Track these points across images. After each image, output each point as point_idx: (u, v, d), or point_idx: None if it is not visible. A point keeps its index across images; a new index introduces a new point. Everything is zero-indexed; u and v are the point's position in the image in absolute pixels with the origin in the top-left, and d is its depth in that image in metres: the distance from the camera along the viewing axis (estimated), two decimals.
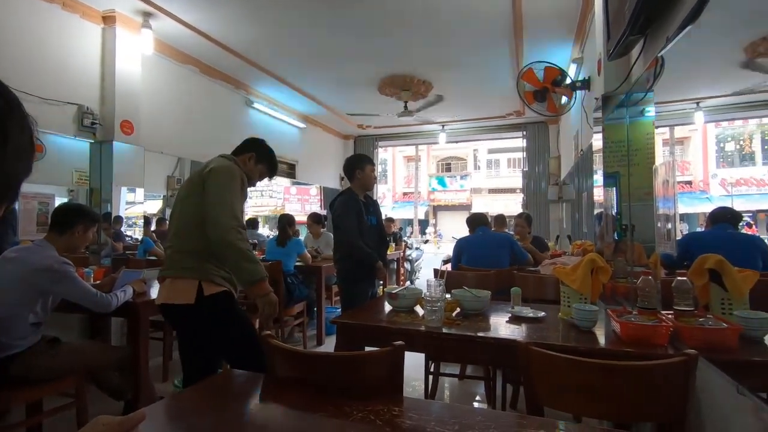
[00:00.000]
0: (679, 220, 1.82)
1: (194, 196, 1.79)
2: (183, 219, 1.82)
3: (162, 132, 4.15)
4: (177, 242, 1.82)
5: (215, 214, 1.70)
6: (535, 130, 7.20)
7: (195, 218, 1.75)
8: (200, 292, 1.71)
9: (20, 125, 0.44)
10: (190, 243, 1.77)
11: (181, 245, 1.80)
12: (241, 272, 1.74)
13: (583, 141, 3.87)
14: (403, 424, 0.94)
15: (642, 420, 1.37)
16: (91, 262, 3.37)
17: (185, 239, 1.79)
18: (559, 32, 3.95)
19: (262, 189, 10.38)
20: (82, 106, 3.33)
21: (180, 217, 1.84)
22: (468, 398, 2.99)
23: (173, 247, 1.82)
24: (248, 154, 2.03)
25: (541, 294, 2.66)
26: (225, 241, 1.68)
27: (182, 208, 1.84)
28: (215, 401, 1.11)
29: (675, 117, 2.47)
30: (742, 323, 1.35)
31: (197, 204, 1.76)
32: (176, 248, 1.81)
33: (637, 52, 1.91)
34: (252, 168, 2.03)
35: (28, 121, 0.46)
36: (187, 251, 1.77)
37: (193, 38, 4.01)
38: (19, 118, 0.44)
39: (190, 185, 1.86)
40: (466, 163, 25.73)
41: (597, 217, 2.85)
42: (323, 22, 3.76)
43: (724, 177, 3.07)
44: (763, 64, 1.50)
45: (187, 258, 1.76)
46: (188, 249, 1.77)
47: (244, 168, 1.97)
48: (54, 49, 3.19)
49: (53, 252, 2.03)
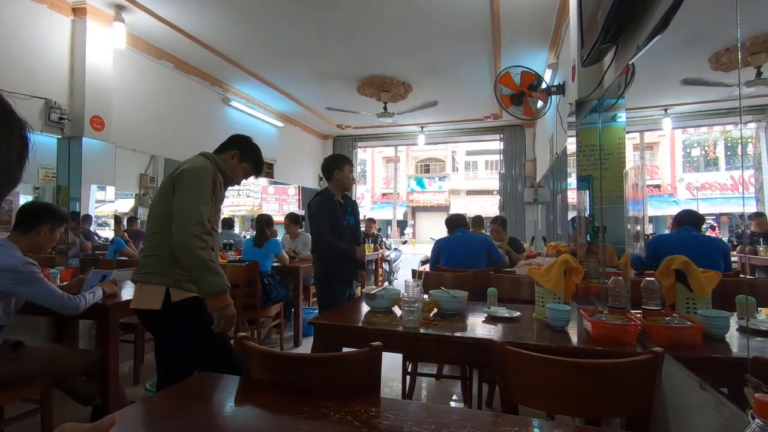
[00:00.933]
0: (648, 222, 1.89)
1: (166, 197, 1.73)
2: (154, 222, 1.77)
3: (134, 128, 4.04)
4: (147, 245, 1.78)
5: (179, 220, 1.65)
6: (512, 133, 7.34)
7: (165, 221, 1.70)
8: (167, 297, 1.68)
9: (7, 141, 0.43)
10: (159, 247, 1.73)
11: (151, 249, 1.76)
12: (201, 282, 1.66)
13: (557, 145, 3.97)
14: (380, 425, 0.94)
15: (612, 416, 1.41)
16: (58, 263, 3.24)
17: (155, 243, 1.75)
18: (536, 38, 4.04)
19: (239, 188, 10.21)
20: (50, 101, 3.20)
21: (152, 220, 1.79)
22: (445, 398, 3.01)
23: (144, 250, 1.79)
24: (231, 151, 1.97)
25: (517, 294, 2.71)
26: (185, 249, 1.63)
27: (153, 211, 1.80)
28: (189, 405, 1.09)
29: (645, 123, 2.56)
30: (705, 322, 1.41)
31: (168, 205, 1.71)
32: (146, 252, 1.77)
33: (609, 60, 1.97)
34: (235, 166, 1.97)
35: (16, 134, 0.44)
36: (157, 255, 1.73)
37: (168, 33, 3.91)
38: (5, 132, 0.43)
39: (162, 186, 1.80)
40: (444, 165, 25.97)
41: (571, 220, 2.93)
42: (302, 21, 3.73)
43: (690, 181, 3.20)
44: (725, 74, 1.57)
45: (157, 263, 1.72)
46: (157, 253, 1.73)
47: (227, 166, 1.92)
48: (20, 39, 3.06)
49: (17, 252, 1.94)
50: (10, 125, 0.44)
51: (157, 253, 1.73)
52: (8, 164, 0.44)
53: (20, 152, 0.46)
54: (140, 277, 1.74)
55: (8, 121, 0.44)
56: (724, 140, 2.67)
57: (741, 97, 0.96)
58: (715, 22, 1.55)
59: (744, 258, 1.83)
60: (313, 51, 4.37)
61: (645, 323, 1.49)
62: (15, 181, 0.46)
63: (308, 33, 3.97)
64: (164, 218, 1.71)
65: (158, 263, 1.72)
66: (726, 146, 2.64)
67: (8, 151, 0.43)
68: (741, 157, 1.33)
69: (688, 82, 1.70)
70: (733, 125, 2.24)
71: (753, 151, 1.49)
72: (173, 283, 1.70)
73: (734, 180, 2.34)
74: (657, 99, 2.26)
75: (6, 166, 0.43)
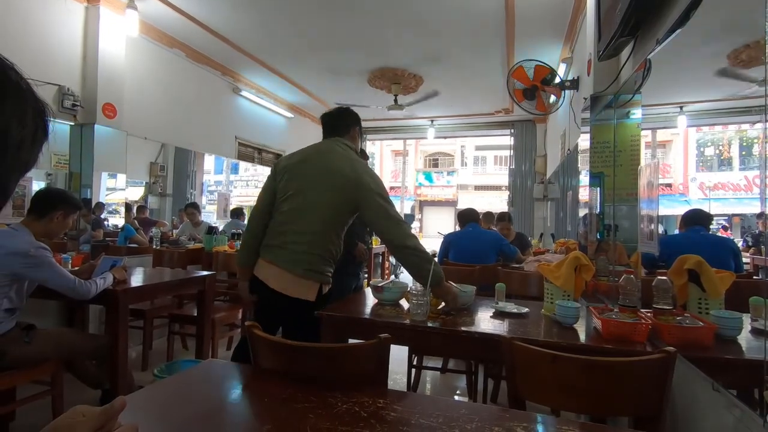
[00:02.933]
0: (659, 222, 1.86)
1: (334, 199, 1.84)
2: (313, 221, 1.83)
3: (146, 117, 4.06)
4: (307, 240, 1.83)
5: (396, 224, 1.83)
6: (523, 128, 7.26)
7: (329, 222, 1.84)
8: (320, 291, 1.86)
9: (19, 121, 0.41)
10: (322, 246, 1.84)
11: (313, 246, 1.83)
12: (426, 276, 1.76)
13: (570, 141, 3.92)
14: (387, 416, 0.94)
15: (620, 414, 1.40)
16: (70, 248, 3.28)
17: (316, 241, 1.83)
18: (550, 32, 3.98)
19: (247, 179, 10.24)
20: (63, 87, 3.23)
21: (310, 219, 1.84)
22: (449, 392, 3.02)
23: (301, 245, 1.83)
24: (354, 127, 2.05)
25: (525, 290, 2.70)
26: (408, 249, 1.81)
27: (315, 209, 1.84)
28: (197, 391, 1.10)
29: (659, 120, 2.52)
30: (718, 322, 1.39)
31: (336, 207, 1.84)
32: (307, 248, 1.83)
33: (626, 54, 1.93)
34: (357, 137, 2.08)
35: (30, 115, 0.42)
36: (319, 254, 1.84)
37: (180, 22, 3.91)
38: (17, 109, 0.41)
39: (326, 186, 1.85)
40: (453, 159, 25.81)
41: (582, 217, 2.90)
42: (314, 11, 3.71)
43: (702, 181, 3.15)
44: (745, 72, 1.53)
45: (318, 260, 1.84)
46: (320, 253, 1.84)
47: (354, 144, 2.03)
48: (35, 26, 3.08)
49: (29, 237, 1.97)
50: (23, 105, 0.42)
51: (319, 252, 1.84)
52: (18, 144, 0.41)
53: (35, 135, 0.44)
54: (298, 270, 1.81)
55: (22, 100, 0.42)
56: (738, 140, 2.62)
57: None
58: (737, 16, 1.51)
59: (758, 259, 1.80)
60: (325, 41, 4.35)
61: (656, 322, 1.48)
62: (25, 164, 0.43)
63: (320, 24, 3.94)
64: (332, 218, 1.85)
65: (319, 261, 1.84)
66: (741, 146, 2.59)
67: (20, 130, 0.41)
68: (764, 155, 1.30)
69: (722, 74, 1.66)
70: (749, 124, 2.19)
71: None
72: (326, 280, 1.88)
73: (748, 180, 2.30)
74: (673, 96, 2.22)
75: (16, 147, 0.41)
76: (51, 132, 0.47)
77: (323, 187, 1.85)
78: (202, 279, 2.87)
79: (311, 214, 1.83)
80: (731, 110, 1.99)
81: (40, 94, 0.45)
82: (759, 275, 1.76)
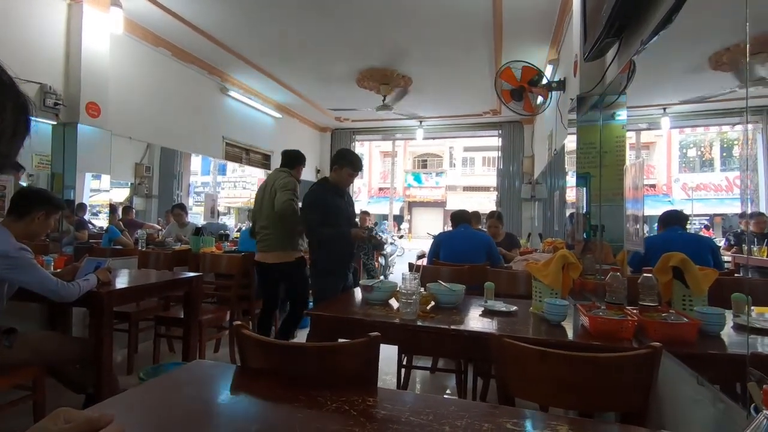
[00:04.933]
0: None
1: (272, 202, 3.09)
2: (269, 218, 3.13)
3: (131, 116, 3.99)
4: (269, 231, 3.15)
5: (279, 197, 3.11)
6: (511, 129, 7.33)
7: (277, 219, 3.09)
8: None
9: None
10: (279, 230, 3.12)
11: (275, 231, 3.13)
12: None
13: (556, 141, 3.97)
14: (377, 414, 0.94)
15: (607, 410, 1.41)
16: (52, 250, 3.21)
17: (275, 231, 3.12)
18: (538, 33, 4.02)
19: (235, 180, 10.16)
20: (45, 85, 3.15)
21: (267, 217, 3.15)
22: (439, 391, 3.02)
23: (269, 233, 3.15)
24: (299, 166, 3.40)
25: (513, 289, 2.72)
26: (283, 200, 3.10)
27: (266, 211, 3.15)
28: (184, 393, 1.08)
29: (643, 121, 2.57)
30: (702, 318, 1.42)
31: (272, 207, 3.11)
32: (271, 233, 3.14)
33: (612, 55, 1.96)
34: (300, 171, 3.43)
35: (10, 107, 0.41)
36: (280, 235, 3.13)
37: (166, 20, 3.86)
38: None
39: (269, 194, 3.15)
40: (441, 161, 25.93)
41: (569, 217, 2.93)
42: (302, 10, 3.69)
43: (685, 181, 3.21)
44: (726, 74, 1.57)
45: (286, 238, 3.14)
46: (280, 234, 3.12)
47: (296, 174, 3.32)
48: (15, 22, 3.01)
49: (10, 238, 1.91)
50: (2, 99, 0.41)
51: (280, 234, 3.12)
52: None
53: (15, 129, 0.43)
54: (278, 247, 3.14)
55: (1, 94, 0.41)
56: (720, 141, 2.68)
57: (748, 96, 0.96)
58: (718, 19, 1.55)
59: (739, 258, 1.84)
60: (313, 41, 4.33)
61: (642, 319, 1.50)
62: (5, 156, 0.43)
63: (308, 23, 3.93)
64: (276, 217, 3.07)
65: (287, 238, 3.16)
66: (722, 147, 2.65)
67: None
68: (746, 157, 1.33)
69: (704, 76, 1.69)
70: (729, 126, 2.25)
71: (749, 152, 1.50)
72: (296, 249, 3.21)
73: (729, 181, 2.35)
74: (656, 98, 2.26)
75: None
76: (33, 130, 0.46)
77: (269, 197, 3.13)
78: (188, 280, 2.83)
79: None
80: (713, 112, 2.03)
81: (23, 90, 0.45)
82: (740, 273, 1.80)
